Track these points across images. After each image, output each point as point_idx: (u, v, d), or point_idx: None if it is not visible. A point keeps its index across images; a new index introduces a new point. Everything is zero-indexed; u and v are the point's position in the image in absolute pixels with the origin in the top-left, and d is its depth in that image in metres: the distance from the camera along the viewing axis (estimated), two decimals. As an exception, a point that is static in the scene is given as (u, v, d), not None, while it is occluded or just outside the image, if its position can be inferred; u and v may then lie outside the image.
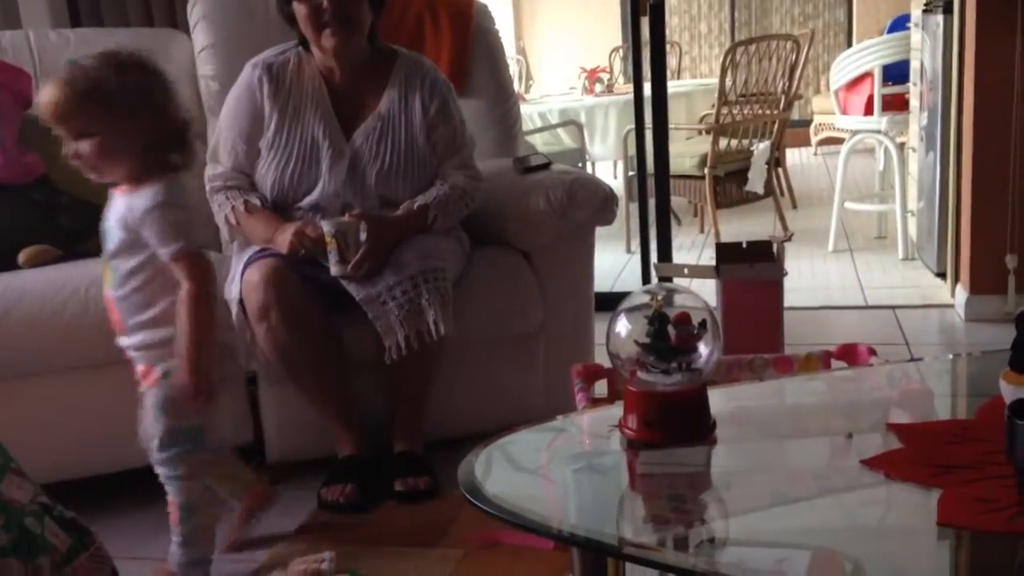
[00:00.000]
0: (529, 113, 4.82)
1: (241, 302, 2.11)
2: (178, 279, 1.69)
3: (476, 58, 2.85)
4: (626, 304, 1.24)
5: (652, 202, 3.50)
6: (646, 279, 3.57)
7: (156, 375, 1.74)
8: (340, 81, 2.25)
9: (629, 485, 1.18)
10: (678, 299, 1.25)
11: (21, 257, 2.26)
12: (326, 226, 2.07)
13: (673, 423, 1.17)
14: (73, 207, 2.38)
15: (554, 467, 1.25)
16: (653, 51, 3.33)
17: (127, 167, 1.68)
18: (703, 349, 1.19)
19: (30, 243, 2.28)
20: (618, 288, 3.75)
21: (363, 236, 2.07)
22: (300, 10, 2.17)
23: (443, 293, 2.09)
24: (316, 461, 2.22)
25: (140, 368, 1.78)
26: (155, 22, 3.38)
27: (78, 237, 2.34)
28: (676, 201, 4.20)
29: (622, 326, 1.22)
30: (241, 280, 2.12)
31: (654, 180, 3.45)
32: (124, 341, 1.77)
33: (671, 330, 1.19)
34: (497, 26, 2.97)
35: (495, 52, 2.90)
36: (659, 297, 1.21)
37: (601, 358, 2.33)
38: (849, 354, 1.82)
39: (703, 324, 1.20)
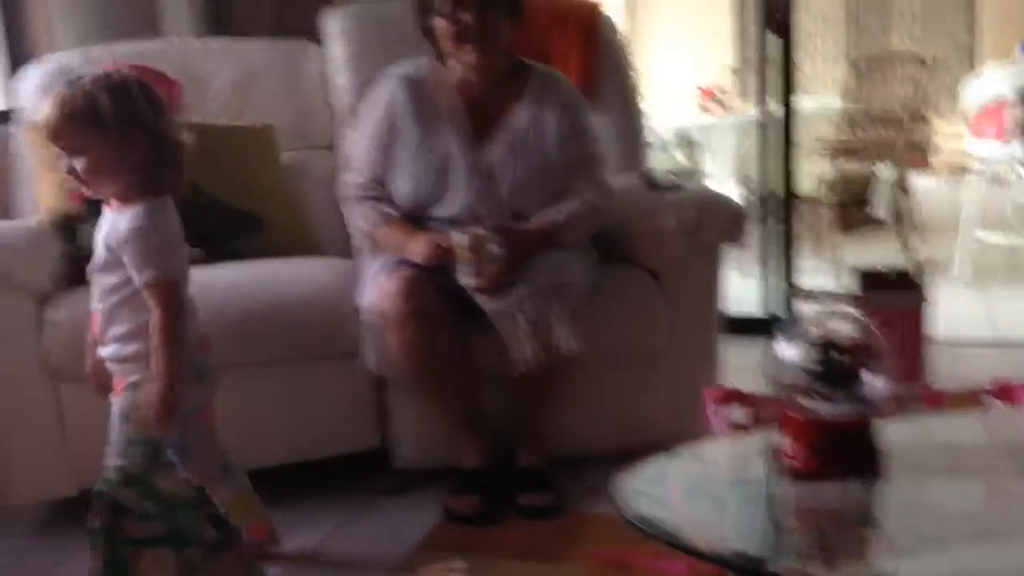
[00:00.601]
0: (642, 130, 4.78)
1: (370, 309, 2.14)
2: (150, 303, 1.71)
3: (603, 71, 2.84)
4: (786, 328, 1.22)
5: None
6: (771, 304, 3.49)
7: (123, 385, 1.77)
8: (476, 95, 2.27)
9: (794, 515, 1.15)
10: (840, 324, 1.22)
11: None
12: (460, 237, 2.09)
13: (840, 454, 1.14)
14: (215, 210, 2.46)
15: (710, 492, 1.23)
16: (784, 68, 3.28)
17: (118, 186, 1.72)
18: (873, 378, 1.16)
19: (176, 243, 2.36)
20: (736, 311, 3.68)
21: (496, 248, 2.08)
22: (440, 25, 2.20)
23: (573, 308, 2.08)
24: (440, 470, 2.24)
25: (117, 379, 1.80)
26: (286, 32, 3.47)
27: (218, 239, 2.41)
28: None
29: (784, 351, 1.20)
30: (373, 287, 2.15)
31: (776, 202, 3.39)
32: (102, 352, 1.80)
33: (839, 357, 1.16)
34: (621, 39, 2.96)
35: (622, 65, 2.89)
36: (825, 322, 1.18)
37: (729, 381, 2.31)
38: (1007, 392, 1.75)
39: (871, 351, 1.17)
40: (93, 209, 2.33)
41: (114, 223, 1.73)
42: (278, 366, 2.24)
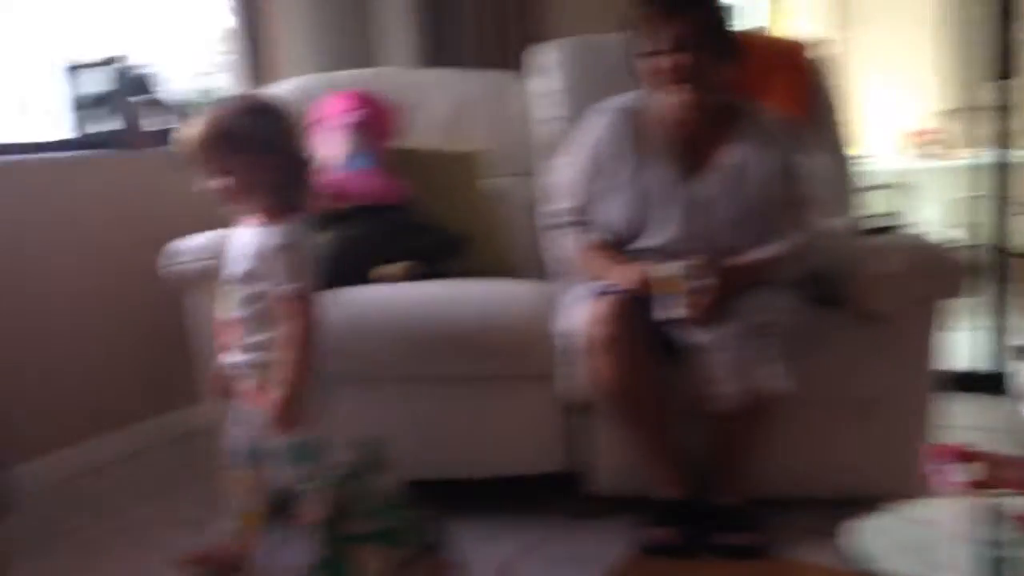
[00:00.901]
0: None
1: (569, 333, 2.16)
2: (281, 313, 1.80)
3: (815, 112, 2.79)
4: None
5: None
6: (983, 359, 3.30)
7: (268, 395, 1.83)
8: (688, 130, 2.27)
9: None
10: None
11: (387, 271, 2.45)
12: (673, 268, 2.09)
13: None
14: (432, 232, 2.56)
15: (936, 552, 1.17)
16: (1002, 115, 3.12)
17: (261, 202, 1.83)
18: None
19: (394, 259, 2.47)
20: (950, 366, 3.49)
21: (707, 282, 2.07)
22: (645, 66, 2.22)
23: (780, 348, 2.04)
24: (632, 499, 2.22)
25: (248, 385, 1.88)
26: (490, 64, 3.59)
27: (433, 258, 2.51)
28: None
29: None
30: (575, 312, 2.17)
31: (992, 255, 3.21)
32: (238, 359, 1.88)
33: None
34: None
35: (834, 105, 2.83)
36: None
37: (947, 437, 2.19)
38: None
39: None
40: (323, 222, 2.49)
41: (265, 237, 1.83)
42: (473, 382, 2.29)
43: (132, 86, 2.79)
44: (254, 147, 1.77)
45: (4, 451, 2.34)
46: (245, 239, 1.87)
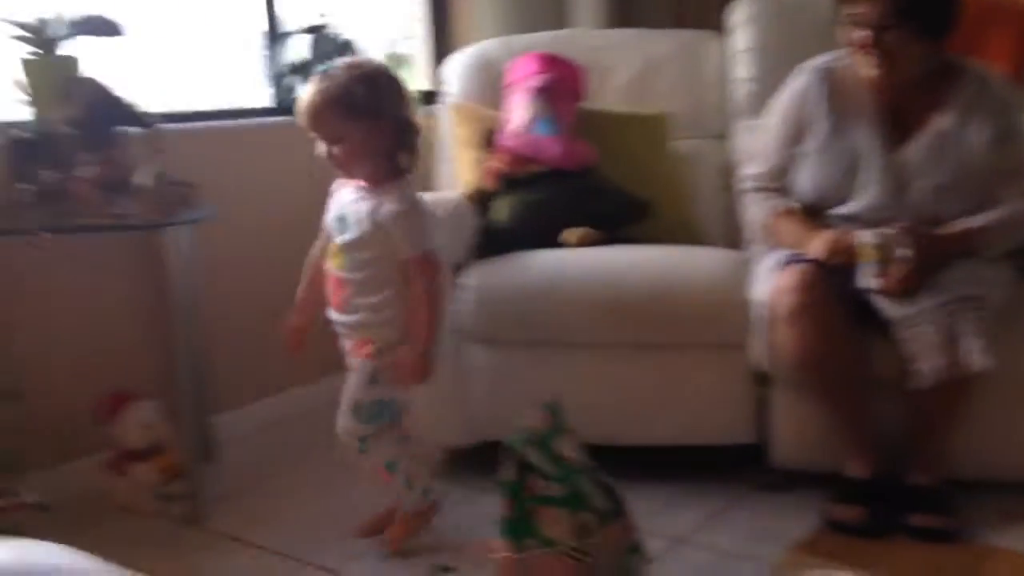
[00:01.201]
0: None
1: (761, 302, 2.11)
2: (411, 274, 1.86)
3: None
4: None
5: None
6: None
7: (369, 349, 1.92)
8: (891, 96, 2.16)
9: None
10: None
11: (567, 236, 2.46)
12: (868, 236, 2.00)
13: None
14: (608, 193, 2.55)
15: None
16: None
17: (370, 167, 1.85)
18: None
19: (575, 224, 2.48)
20: None
21: (907, 251, 1.97)
22: (844, 33, 2.12)
23: (984, 324, 1.92)
24: (820, 474, 2.17)
25: (351, 342, 1.96)
26: (688, 23, 3.50)
27: (616, 223, 2.50)
28: None
29: None
30: (766, 281, 2.12)
31: None
32: (344, 318, 1.93)
33: None
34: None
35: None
36: None
37: None
38: None
39: None
40: (506, 186, 2.54)
41: (378, 201, 1.86)
42: (661, 350, 2.28)
43: (330, 53, 2.91)
44: (362, 113, 1.80)
45: (206, 401, 2.51)
46: (354, 203, 1.90)
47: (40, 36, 2.25)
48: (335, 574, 1.98)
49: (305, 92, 1.84)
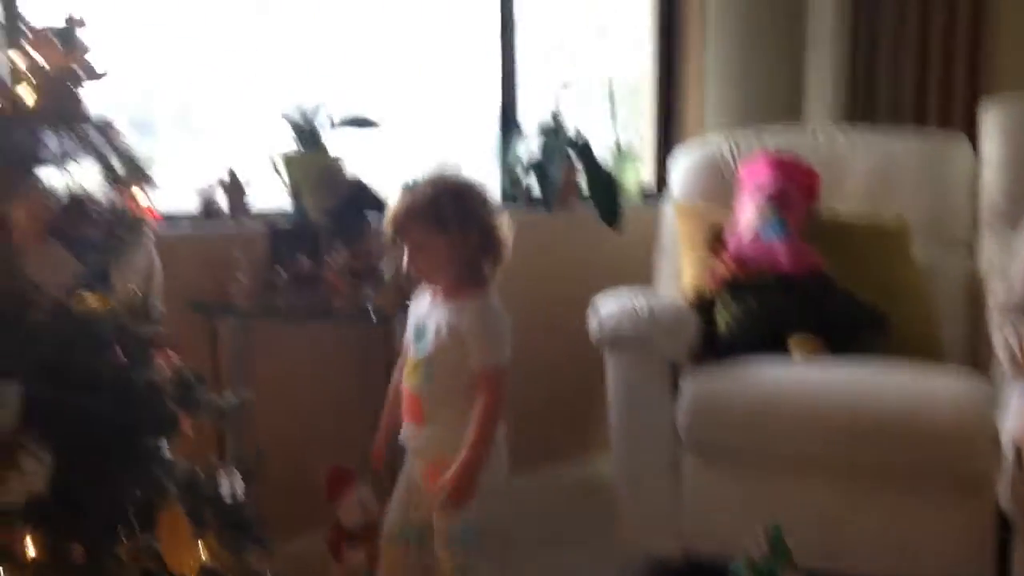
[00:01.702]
0: None
1: (1012, 439, 1.93)
2: (477, 388, 1.80)
3: None
4: None
5: None
6: None
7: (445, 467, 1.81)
8: None
9: None
10: None
11: (796, 346, 2.37)
12: None
13: None
14: (843, 302, 2.44)
15: None
16: None
17: (452, 277, 1.84)
18: None
19: (805, 332, 2.39)
20: None
21: None
22: None
23: None
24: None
25: (423, 466, 1.87)
26: (929, 119, 3.34)
27: (847, 334, 2.39)
28: None
29: None
30: (1016, 416, 1.94)
31: None
32: (422, 432, 1.86)
33: None
34: None
35: None
36: None
37: None
38: None
39: None
40: (731, 290, 2.49)
41: (458, 310, 1.83)
42: (894, 478, 2.14)
43: (560, 148, 2.97)
44: (447, 224, 1.80)
45: None
46: (432, 313, 1.88)
47: (304, 131, 2.43)
48: None
49: (393, 201, 1.87)
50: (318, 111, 2.44)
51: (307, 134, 2.43)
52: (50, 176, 1.32)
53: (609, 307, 2.39)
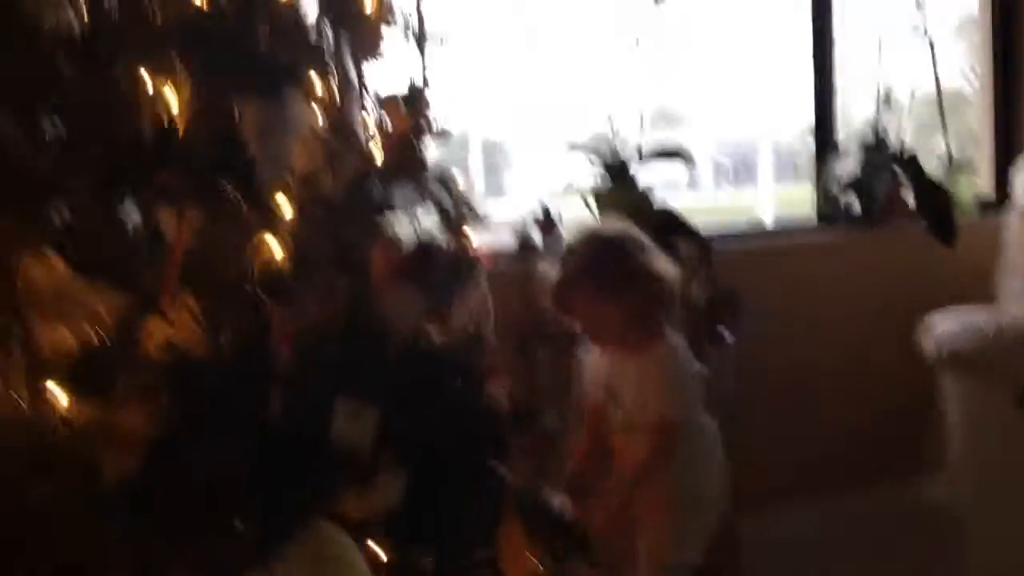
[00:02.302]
0: None
1: None
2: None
3: None
4: None
5: None
6: None
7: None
8: None
9: None
10: None
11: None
12: None
13: None
14: None
15: None
16: None
17: (626, 335, 1.78)
18: None
19: None
20: None
21: None
22: None
23: None
24: None
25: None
26: None
27: None
28: None
29: None
30: None
31: None
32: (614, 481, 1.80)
33: None
34: None
35: None
36: None
37: None
38: None
39: None
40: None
41: (637, 366, 1.79)
42: None
43: (881, 161, 2.82)
44: (609, 289, 1.76)
45: (737, 500, 2.51)
46: (617, 372, 1.83)
47: (612, 164, 2.51)
48: None
49: (553, 271, 1.85)
50: (626, 142, 2.50)
51: (616, 167, 2.50)
52: (398, 223, 1.49)
53: (947, 324, 2.24)
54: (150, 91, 1.16)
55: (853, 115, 2.97)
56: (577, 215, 2.53)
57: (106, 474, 1.10)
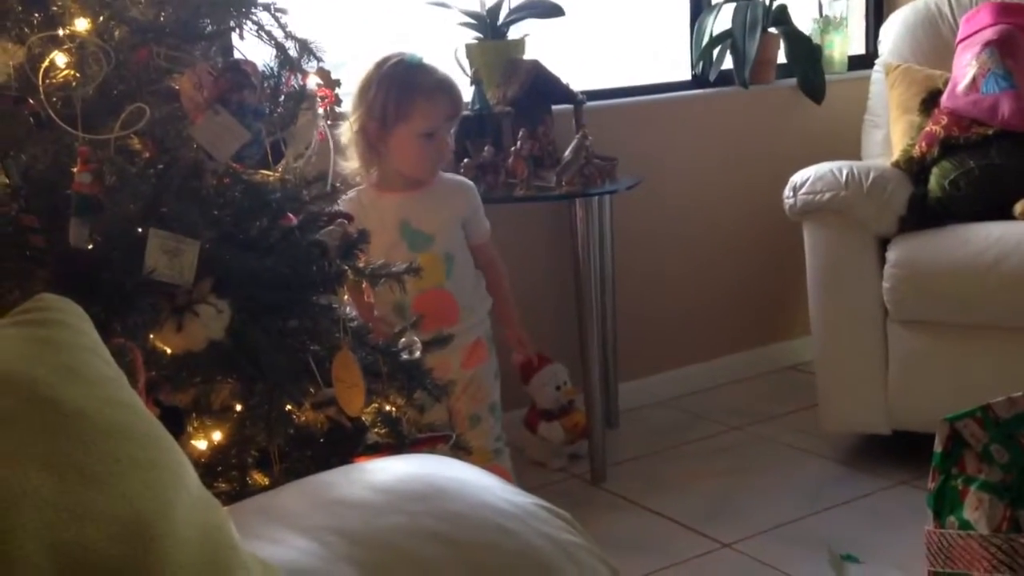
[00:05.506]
0: None
1: None
2: (487, 259, 1.99)
3: None
4: None
5: None
6: None
7: (486, 346, 1.97)
8: None
9: None
10: None
11: (1018, 208, 2.15)
12: None
13: None
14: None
15: None
16: None
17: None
18: None
19: (1030, 193, 2.16)
20: None
21: None
22: None
23: None
24: None
25: (468, 346, 1.91)
26: None
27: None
28: None
29: None
30: None
31: None
32: (465, 323, 1.89)
33: None
34: None
35: None
36: None
37: None
38: None
39: None
40: (945, 151, 2.27)
41: (442, 198, 1.94)
42: None
43: (753, 18, 2.79)
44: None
45: (612, 370, 2.55)
46: (415, 209, 1.90)
47: (486, 22, 2.43)
48: (731, 549, 1.94)
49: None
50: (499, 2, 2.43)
51: (489, 23, 2.43)
52: (215, 51, 1.41)
53: (804, 176, 2.26)
54: None
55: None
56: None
57: None
